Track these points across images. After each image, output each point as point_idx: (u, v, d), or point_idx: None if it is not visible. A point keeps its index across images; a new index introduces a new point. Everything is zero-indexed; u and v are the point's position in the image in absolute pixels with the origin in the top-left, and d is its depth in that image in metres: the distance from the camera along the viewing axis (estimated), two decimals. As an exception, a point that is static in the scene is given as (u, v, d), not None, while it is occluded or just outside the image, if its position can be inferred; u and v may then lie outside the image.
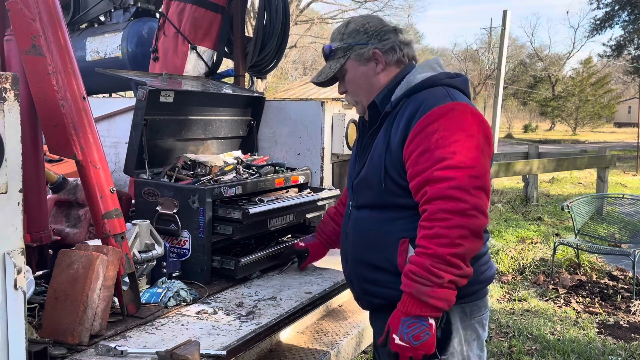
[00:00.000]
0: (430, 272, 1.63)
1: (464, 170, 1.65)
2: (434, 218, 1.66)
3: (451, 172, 1.65)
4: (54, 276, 2.00)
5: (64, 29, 2.12)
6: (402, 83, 1.90)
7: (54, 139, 2.12)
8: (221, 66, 4.19)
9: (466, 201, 1.63)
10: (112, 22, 4.78)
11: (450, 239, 1.62)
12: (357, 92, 2.00)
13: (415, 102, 1.80)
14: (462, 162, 1.66)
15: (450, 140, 1.68)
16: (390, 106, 1.89)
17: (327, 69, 2.00)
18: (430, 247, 1.64)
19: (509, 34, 11.28)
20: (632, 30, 26.05)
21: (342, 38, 1.98)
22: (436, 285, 1.63)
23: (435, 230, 1.65)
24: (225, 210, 2.71)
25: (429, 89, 1.84)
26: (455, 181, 1.64)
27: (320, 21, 28.92)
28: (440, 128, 1.70)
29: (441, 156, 1.67)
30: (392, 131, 1.83)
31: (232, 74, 4.16)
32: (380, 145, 1.85)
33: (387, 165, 1.81)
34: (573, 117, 41.89)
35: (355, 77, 1.97)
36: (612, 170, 12.35)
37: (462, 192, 1.63)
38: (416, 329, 1.66)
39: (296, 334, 2.45)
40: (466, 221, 1.63)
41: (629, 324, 4.69)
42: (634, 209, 7.01)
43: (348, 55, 1.96)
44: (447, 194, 1.64)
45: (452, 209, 1.63)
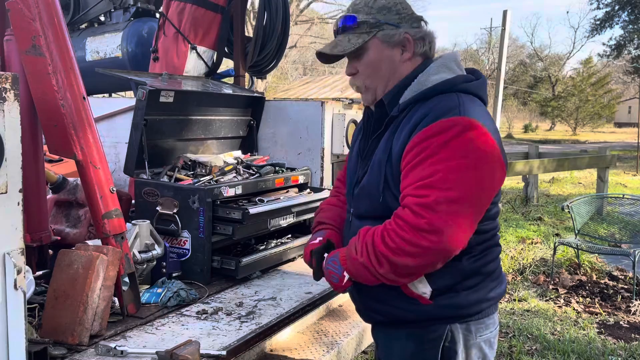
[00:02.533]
0: (362, 248, 1.62)
1: (439, 190, 1.51)
2: (395, 221, 1.57)
3: (425, 190, 1.52)
4: (54, 276, 2.00)
5: (64, 29, 2.12)
6: (413, 84, 1.69)
7: (54, 139, 2.11)
8: (221, 66, 4.19)
9: (430, 223, 1.50)
10: (112, 22, 4.78)
11: (393, 246, 1.55)
12: (374, 77, 1.75)
13: (423, 111, 1.62)
14: (440, 181, 1.52)
15: (438, 159, 1.53)
16: (397, 110, 1.70)
17: (344, 42, 1.72)
18: (377, 235, 1.59)
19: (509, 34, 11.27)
20: (632, 30, 26.05)
21: (370, 11, 1.72)
22: (357, 260, 1.63)
23: (389, 229, 1.57)
24: (225, 210, 2.71)
25: (441, 95, 1.64)
26: (426, 199, 1.51)
27: (320, 21, 28.92)
28: (434, 144, 1.54)
29: (425, 174, 1.53)
30: (395, 139, 1.66)
31: (232, 74, 4.16)
32: (382, 153, 1.70)
33: (387, 176, 1.67)
34: (573, 117, 41.89)
35: (376, 59, 1.72)
36: (612, 170, 12.35)
37: (426, 211, 1.50)
38: (333, 268, 1.71)
39: (296, 334, 2.45)
40: (417, 240, 1.51)
41: (629, 324, 4.69)
42: (634, 209, 7.01)
43: (374, 32, 1.70)
44: (412, 208, 1.53)
45: (410, 223, 1.52)
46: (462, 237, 1.54)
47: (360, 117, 3.64)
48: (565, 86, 43.24)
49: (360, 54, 1.73)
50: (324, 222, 2.12)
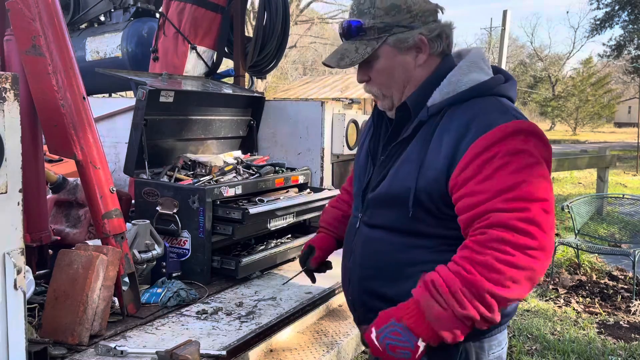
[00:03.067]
0: (456, 297, 1.32)
1: (535, 202, 1.35)
2: (491, 246, 1.33)
3: (520, 203, 1.34)
4: (54, 276, 2.00)
5: (64, 29, 2.12)
6: (443, 84, 1.54)
7: (54, 139, 2.12)
8: (221, 66, 4.19)
9: (536, 238, 1.32)
10: (112, 22, 4.78)
11: (502, 277, 1.31)
12: (388, 85, 1.59)
13: (465, 117, 1.47)
14: (531, 193, 1.35)
15: (516, 167, 1.37)
16: (426, 114, 1.53)
17: (352, 51, 1.56)
18: (473, 273, 1.32)
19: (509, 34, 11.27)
20: (632, 30, 26.04)
21: (377, 13, 1.53)
22: (452, 314, 1.32)
23: (488, 259, 1.32)
24: (225, 210, 2.71)
25: (479, 99, 1.51)
26: (527, 213, 1.33)
27: (320, 21, 28.92)
28: (502, 152, 1.38)
29: (506, 186, 1.36)
30: (432, 149, 1.48)
31: (232, 74, 4.17)
32: (412, 162, 1.51)
33: (418, 190, 1.48)
34: (573, 117, 41.88)
35: (389, 67, 1.57)
36: (612, 170, 12.35)
37: (533, 227, 1.32)
38: (398, 341, 1.38)
39: (296, 334, 2.45)
40: (528, 263, 1.31)
41: (629, 324, 4.69)
42: (634, 209, 7.01)
43: (384, 38, 1.54)
44: (515, 225, 1.32)
45: (517, 244, 1.31)
46: (552, 244, 1.39)
47: (360, 117, 3.66)
48: (565, 86, 43.23)
49: (370, 60, 1.57)
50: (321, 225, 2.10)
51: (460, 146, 1.43)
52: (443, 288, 1.34)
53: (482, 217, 1.37)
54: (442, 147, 1.46)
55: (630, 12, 25.28)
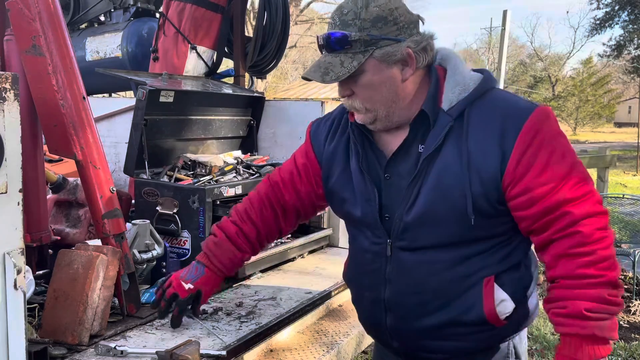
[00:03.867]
0: (609, 302, 1.39)
1: (589, 181, 1.46)
2: (593, 240, 1.39)
3: (585, 186, 1.43)
4: (54, 276, 2.00)
5: (64, 29, 2.12)
6: (449, 87, 1.51)
7: (54, 139, 2.11)
8: (221, 66, 4.19)
9: (606, 213, 1.44)
10: (112, 22, 4.78)
11: (613, 259, 1.42)
12: (373, 100, 1.52)
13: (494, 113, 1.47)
14: (584, 172, 1.45)
15: (563, 151, 1.44)
16: (451, 118, 1.49)
17: (336, 65, 1.48)
18: (602, 274, 1.39)
19: (509, 34, 11.25)
20: (632, 30, 26.05)
21: (363, 25, 1.46)
22: (614, 315, 1.41)
23: (599, 253, 1.39)
24: (225, 210, 2.70)
25: (490, 91, 1.53)
26: (594, 195, 1.43)
27: (320, 21, 28.90)
28: (545, 140, 1.43)
29: (566, 171, 1.42)
30: (473, 151, 1.45)
31: (232, 74, 4.16)
32: (456, 169, 1.46)
33: (475, 195, 1.44)
34: (573, 117, 41.89)
35: (376, 81, 1.50)
36: (612, 170, 12.34)
37: (601, 205, 1.44)
38: None
39: (296, 334, 2.45)
40: (612, 235, 1.44)
41: (629, 324, 4.69)
42: (634, 209, 7.01)
43: (370, 51, 1.46)
44: (596, 209, 1.41)
45: (604, 226, 1.42)
46: None
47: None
48: (565, 86, 43.25)
49: (355, 74, 1.49)
50: (210, 261, 1.90)
51: (505, 143, 1.43)
52: (599, 307, 1.39)
53: (556, 210, 1.41)
54: (487, 149, 1.44)
55: (630, 12, 25.29)
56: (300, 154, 1.93)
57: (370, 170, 1.61)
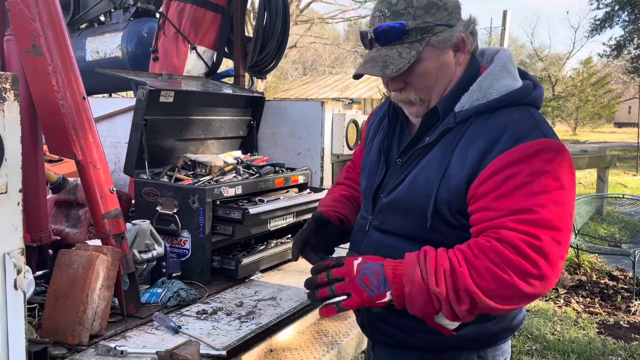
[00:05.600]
0: (437, 274, 1.32)
1: (548, 231, 1.29)
2: (489, 255, 1.30)
3: (532, 228, 1.28)
4: (54, 276, 2.00)
5: (64, 29, 2.12)
6: (473, 89, 1.46)
7: (54, 139, 2.11)
8: (221, 66, 4.20)
9: (539, 268, 1.27)
10: (112, 22, 4.78)
11: (487, 287, 1.29)
12: (429, 89, 1.49)
13: (494, 130, 1.40)
14: (546, 220, 1.29)
15: (536, 190, 1.31)
16: (453, 120, 1.46)
17: (395, 57, 1.43)
18: (462, 267, 1.31)
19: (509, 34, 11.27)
20: (632, 30, 26.06)
21: (417, 13, 1.43)
22: (427, 287, 1.33)
23: (481, 264, 1.30)
24: (225, 210, 2.71)
25: (510, 108, 1.43)
26: (536, 240, 1.28)
27: (320, 21, 28.90)
28: (525, 171, 1.32)
29: (523, 207, 1.30)
30: (456, 159, 1.42)
31: (232, 74, 4.17)
32: (434, 170, 1.45)
33: (439, 200, 1.43)
34: (573, 117, 41.89)
35: (433, 69, 1.46)
36: (612, 170, 12.35)
37: (539, 256, 1.27)
38: (374, 279, 1.37)
39: (296, 334, 2.45)
40: (523, 287, 1.28)
41: (629, 324, 4.69)
42: (634, 209, 7.02)
43: (427, 39, 1.43)
44: (521, 248, 1.27)
45: (516, 266, 1.27)
46: (558, 275, 1.34)
47: (360, 117, 3.66)
48: (565, 86, 43.24)
49: (412, 65, 1.45)
50: (335, 210, 1.80)
51: (485, 159, 1.37)
52: (431, 262, 1.34)
53: (491, 231, 1.33)
54: (467, 158, 1.40)
55: (630, 12, 25.31)
56: (356, 150, 2.01)
57: (388, 151, 1.63)
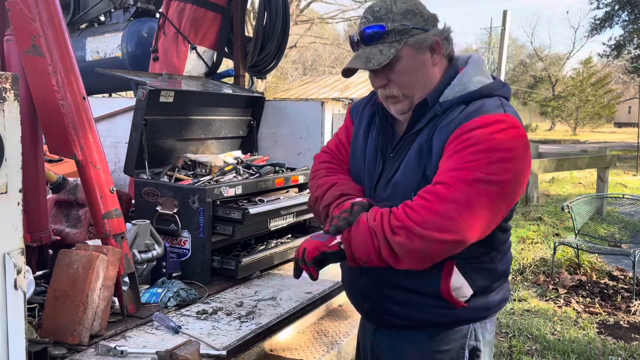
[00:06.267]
0: (375, 215, 1.56)
1: (479, 173, 1.49)
2: (419, 197, 1.53)
3: (466, 172, 1.50)
4: (54, 276, 2.00)
5: (64, 29, 2.12)
6: (454, 83, 1.67)
7: (54, 139, 2.12)
8: (221, 66, 4.19)
9: (458, 190, 1.49)
10: (112, 22, 4.78)
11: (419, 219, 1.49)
12: (411, 86, 1.68)
13: (467, 111, 1.62)
14: (481, 167, 1.50)
15: (480, 148, 1.52)
16: (440, 108, 1.66)
17: (376, 54, 1.64)
18: (398, 209, 1.54)
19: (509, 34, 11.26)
20: (632, 30, 26.07)
21: (395, 18, 1.64)
22: (366, 225, 1.57)
23: (414, 204, 1.52)
24: (225, 210, 2.71)
25: (485, 98, 1.65)
26: (464, 173, 1.49)
27: (320, 21, 28.90)
28: (478, 135, 1.53)
29: (466, 160, 1.51)
30: (436, 137, 1.62)
31: (232, 74, 4.17)
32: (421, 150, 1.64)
33: (425, 172, 1.61)
34: (573, 117, 41.90)
35: (412, 66, 1.66)
36: (612, 170, 12.35)
37: (460, 182, 1.49)
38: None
39: (296, 334, 2.45)
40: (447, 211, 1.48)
41: (629, 324, 4.69)
42: (634, 209, 7.01)
43: (405, 39, 1.63)
44: (448, 182, 1.50)
45: (442, 195, 1.50)
46: (484, 227, 1.54)
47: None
48: (565, 86, 43.25)
49: (393, 63, 1.65)
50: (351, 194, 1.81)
51: (450, 135, 1.59)
52: (374, 209, 1.60)
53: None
54: (443, 134, 1.60)
55: (630, 12, 25.32)
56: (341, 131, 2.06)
57: (383, 147, 1.79)
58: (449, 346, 1.71)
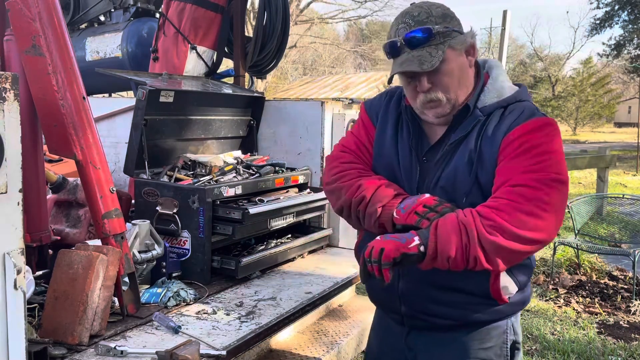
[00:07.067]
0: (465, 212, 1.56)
1: (553, 173, 1.56)
2: (504, 197, 1.55)
3: (540, 173, 1.56)
4: (54, 276, 2.00)
5: (64, 29, 2.12)
6: (488, 89, 1.73)
7: (54, 139, 2.12)
8: (221, 66, 4.19)
9: (542, 190, 1.54)
10: (112, 22, 4.78)
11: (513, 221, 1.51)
12: (453, 87, 1.69)
13: (511, 117, 1.67)
14: (551, 167, 1.57)
15: (544, 149, 1.59)
16: (481, 114, 1.70)
17: (426, 56, 1.64)
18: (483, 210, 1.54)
19: (509, 34, 11.25)
20: (632, 30, 26.07)
21: (437, 21, 1.67)
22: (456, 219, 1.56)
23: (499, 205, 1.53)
24: (225, 210, 2.71)
25: (520, 102, 1.71)
26: (543, 174, 1.55)
27: (320, 21, 28.89)
28: (535, 138, 1.60)
29: (533, 162, 1.57)
30: (484, 143, 1.66)
31: (232, 74, 4.17)
32: (471, 157, 1.67)
33: (479, 179, 1.65)
34: (573, 117, 41.85)
35: (455, 68, 1.68)
36: (612, 170, 12.34)
37: (542, 184, 1.54)
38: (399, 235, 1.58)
39: (296, 334, 2.45)
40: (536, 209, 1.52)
41: (629, 324, 4.69)
42: (634, 209, 7.02)
43: (447, 42, 1.66)
44: (529, 183, 1.54)
45: (528, 196, 1.53)
46: (560, 225, 1.61)
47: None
48: (565, 86, 43.21)
49: (439, 65, 1.66)
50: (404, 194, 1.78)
51: (505, 137, 1.63)
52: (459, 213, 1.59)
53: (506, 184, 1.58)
54: (495, 140, 1.64)
55: (630, 12, 25.31)
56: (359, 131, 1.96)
57: (419, 150, 1.80)
58: (491, 343, 1.76)
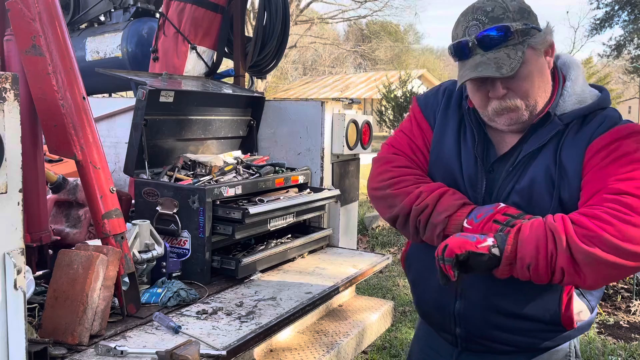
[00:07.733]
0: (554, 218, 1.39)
1: None
2: (606, 208, 1.37)
3: (633, 189, 1.38)
4: (54, 276, 2.00)
5: (64, 29, 2.12)
6: (569, 93, 1.54)
7: (54, 139, 2.12)
8: (221, 66, 4.19)
9: (637, 226, 1.34)
10: (112, 22, 4.78)
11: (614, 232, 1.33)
12: (533, 93, 1.50)
13: (593, 125, 1.50)
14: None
15: (635, 157, 1.42)
16: (561, 123, 1.52)
17: (504, 58, 1.43)
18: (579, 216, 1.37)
19: (509, 34, 11.21)
20: (632, 30, 26.07)
21: (515, 17, 1.45)
22: (542, 224, 1.41)
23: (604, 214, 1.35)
24: (225, 210, 2.71)
25: (602, 110, 1.53)
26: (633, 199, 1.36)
27: (320, 21, 28.90)
28: (624, 145, 1.43)
29: (627, 169, 1.40)
30: (565, 154, 1.49)
31: (232, 74, 4.17)
32: (549, 170, 1.50)
33: (561, 192, 1.48)
34: (573, 117, 41.85)
35: (534, 71, 1.48)
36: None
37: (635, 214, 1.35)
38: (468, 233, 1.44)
39: (296, 334, 2.45)
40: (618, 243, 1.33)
41: (629, 324, 4.69)
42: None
43: (527, 41, 1.45)
44: (634, 192, 1.37)
45: (634, 206, 1.36)
46: None
47: (360, 117, 3.65)
48: (565, 86, 43.16)
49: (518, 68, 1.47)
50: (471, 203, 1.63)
51: (588, 147, 1.47)
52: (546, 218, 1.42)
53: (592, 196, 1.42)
54: (578, 152, 1.48)
55: (630, 12, 25.31)
56: (413, 132, 1.79)
57: (483, 159, 1.63)
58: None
